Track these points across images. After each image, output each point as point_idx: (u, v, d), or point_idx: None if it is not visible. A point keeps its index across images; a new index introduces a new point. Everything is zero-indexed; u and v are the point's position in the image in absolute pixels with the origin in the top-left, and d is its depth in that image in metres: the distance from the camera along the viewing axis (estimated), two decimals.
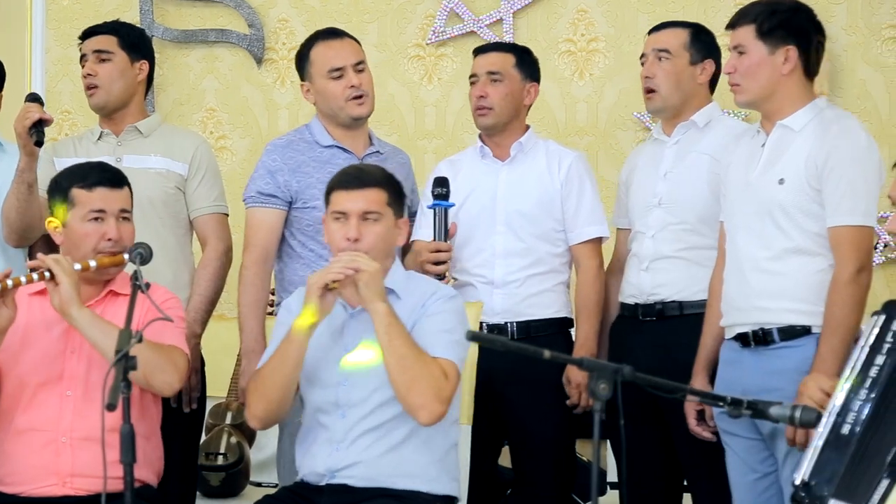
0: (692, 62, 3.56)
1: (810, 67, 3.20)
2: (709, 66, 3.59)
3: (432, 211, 3.61)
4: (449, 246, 3.59)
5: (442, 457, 3.05)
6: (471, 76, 3.79)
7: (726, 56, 3.55)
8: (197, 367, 3.59)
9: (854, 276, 3.03)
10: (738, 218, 3.22)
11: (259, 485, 5.11)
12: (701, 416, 3.36)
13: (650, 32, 3.67)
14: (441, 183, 3.62)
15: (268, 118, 5.47)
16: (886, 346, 2.51)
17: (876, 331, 2.54)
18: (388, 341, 2.92)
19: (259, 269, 3.59)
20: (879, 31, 4.86)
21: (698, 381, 3.33)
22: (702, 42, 3.59)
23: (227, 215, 3.81)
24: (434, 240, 3.59)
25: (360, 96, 3.63)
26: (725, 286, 3.26)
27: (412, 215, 3.80)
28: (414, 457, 3.01)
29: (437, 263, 3.57)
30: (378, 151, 3.73)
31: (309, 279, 2.99)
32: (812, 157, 3.08)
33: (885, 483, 2.41)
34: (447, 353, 2.95)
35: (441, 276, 3.57)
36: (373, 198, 3.06)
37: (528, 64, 3.80)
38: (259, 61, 5.45)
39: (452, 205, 3.62)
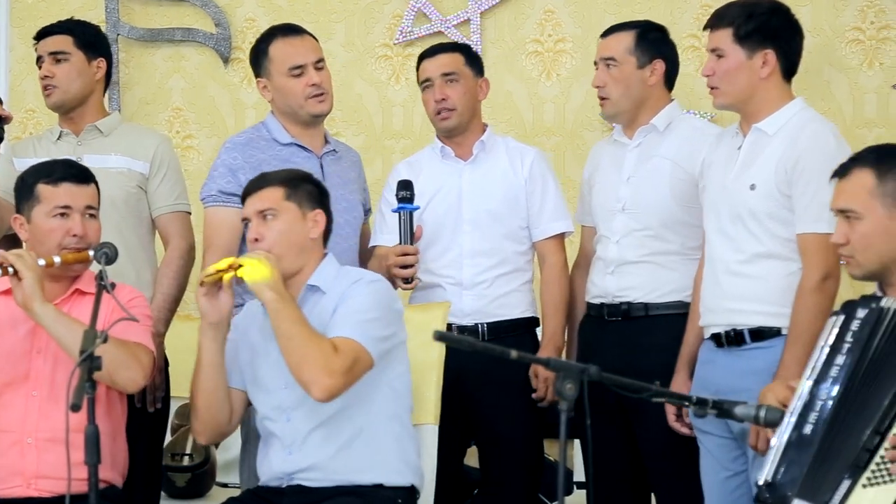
0: (639, 65, 3.54)
1: (789, 69, 3.20)
2: (658, 66, 3.57)
3: (397, 214, 3.59)
4: (416, 249, 3.57)
5: (397, 448, 3.05)
6: (423, 81, 3.77)
7: (682, 52, 3.57)
8: (161, 367, 3.56)
9: (819, 284, 3.03)
10: (714, 220, 3.24)
11: (225, 485, 5.09)
12: (680, 412, 3.38)
13: (601, 37, 3.66)
14: (405, 186, 3.60)
15: (234, 117, 5.45)
16: (846, 345, 2.52)
17: (836, 331, 2.55)
18: (276, 325, 2.95)
19: None
20: (843, 34, 4.89)
21: (679, 379, 3.35)
22: (648, 42, 3.57)
23: (190, 213, 3.79)
24: (400, 243, 3.57)
25: (321, 94, 3.62)
26: (702, 287, 3.27)
27: (367, 213, 3.80)
28: (367, 450, 3.01)
29: (404, 267, 3.56)
30: (334, 150, 3.72)
31: None
32: (782, 163, 3.09)
33: (846, 483, 2.43)
34: (347, 331, 2.95)
35: (409, 280, 3.56)
36: (266, 196, 3.09)
37: (474, 59, 3.81)
38: (226, 61, 5.43)
39: (417, 208, 3.60)
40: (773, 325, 3.11)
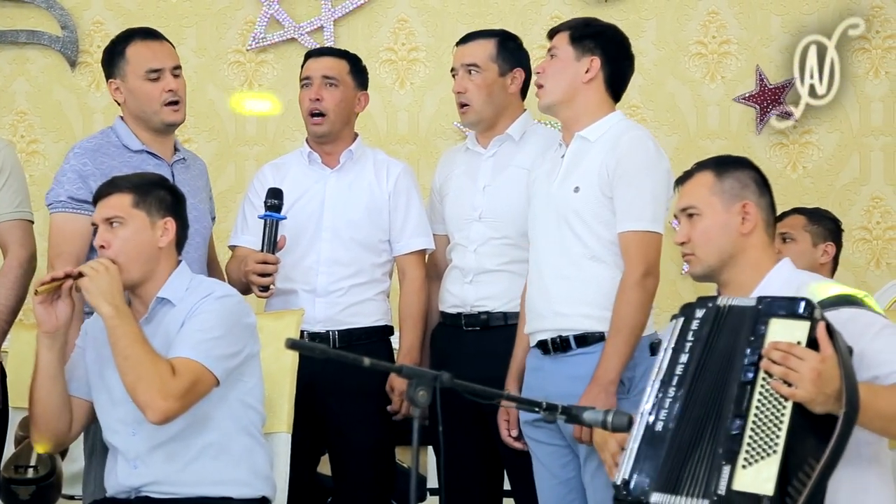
0: (501, 73, 3.60)
1: (613, 85, 3.31)
2: (518, 74, 3.64)
3: (263, 221, 3.55)
4: (276, 259, 3.53)
5: (247, 460, 3.02)
6: (304, 79, 3.73)
7: (533, 63, 3.64)
8: None
9: (640, 280, 3.15)
10: (540, 227, 3.31)
11: (71, 498, 4.97)
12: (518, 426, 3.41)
13: (458, 44, 3.69)
14: (275, 195, 3.56)
15: (82, 122, 5.34)
16: (688, 344, 2.61)
17: (676, 333, 2.64)
18: (113, 342, 2.89)
19: None
20: (687, 47, 5.06)
21: (510, 390, 3.39)
22: (508, 51, 3.63)
23: (33, 222, 3.67)
24: (262, 251, 3.54)
25: (176, 102, 3.55)
26: (528, 294, 3.33)
27: (213, 220, 3.74)
28: (216, 465, 2.97)
29: (263, 276, 3.53)
30: (183, 158, 3.66)
31: None
32: (604, 165, 3.20)
33: (727, 469, 2.45)
34: (188, 352, 2.90)
35: (265, 289, 3.53)
36: (113, 203, 3.02)
37: (360, 72, 3.79)
38: (73, 64, 5.32)
39: (284, 218, 3.55)
40: (596, 330, 3.20)
